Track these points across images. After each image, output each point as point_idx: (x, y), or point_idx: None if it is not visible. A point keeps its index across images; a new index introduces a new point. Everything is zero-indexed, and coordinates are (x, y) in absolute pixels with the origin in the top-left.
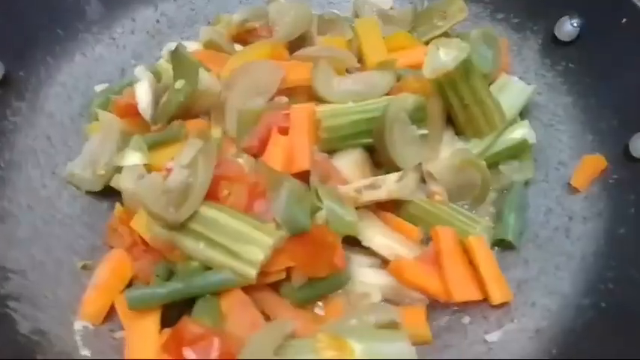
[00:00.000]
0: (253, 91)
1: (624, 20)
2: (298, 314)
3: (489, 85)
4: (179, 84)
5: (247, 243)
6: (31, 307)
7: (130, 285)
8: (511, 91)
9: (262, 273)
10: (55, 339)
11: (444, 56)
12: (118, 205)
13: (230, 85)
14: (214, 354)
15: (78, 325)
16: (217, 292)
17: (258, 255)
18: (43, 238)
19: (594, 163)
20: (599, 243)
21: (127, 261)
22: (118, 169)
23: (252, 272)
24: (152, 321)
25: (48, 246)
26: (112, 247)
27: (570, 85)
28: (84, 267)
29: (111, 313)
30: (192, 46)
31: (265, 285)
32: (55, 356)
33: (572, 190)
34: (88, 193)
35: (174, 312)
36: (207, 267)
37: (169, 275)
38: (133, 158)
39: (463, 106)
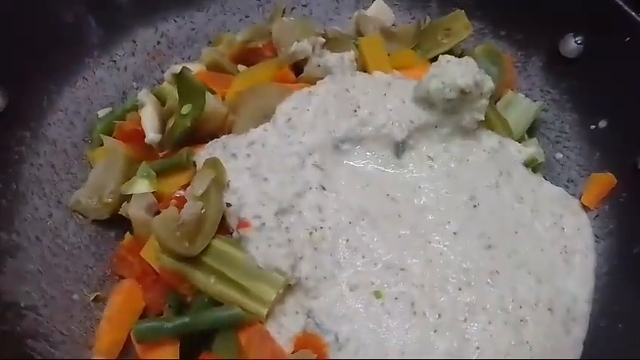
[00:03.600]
0: (260, 115)
1: (628, 39)
2: None
3: (495, 102)
4: (185, 109)
5: (259, 280)
6: (47, 344)
7: (144, 315)
8: (518, 108)
9: None
10: None
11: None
12: (127, 234)
13: (237, 109)
14: None
15: None
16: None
17: (270, 294)
18: (52, 271)
19: (604, 181)
20: (612, 262)
21: (138, 292)
22: (126, 196)
23: (262, 311)
24: (170, 354)
25: (58, 278)
26: (121, 277)
27: (576, 102)
28: (96, 299)
29: (127, 347)
30: (194, 68)
31: None
32: None
33: (584, 208)
34: (95, 221)
35: (192, 344)
36: (217, 301)
37: (181, 306)
38: (142, 186)
39: None
